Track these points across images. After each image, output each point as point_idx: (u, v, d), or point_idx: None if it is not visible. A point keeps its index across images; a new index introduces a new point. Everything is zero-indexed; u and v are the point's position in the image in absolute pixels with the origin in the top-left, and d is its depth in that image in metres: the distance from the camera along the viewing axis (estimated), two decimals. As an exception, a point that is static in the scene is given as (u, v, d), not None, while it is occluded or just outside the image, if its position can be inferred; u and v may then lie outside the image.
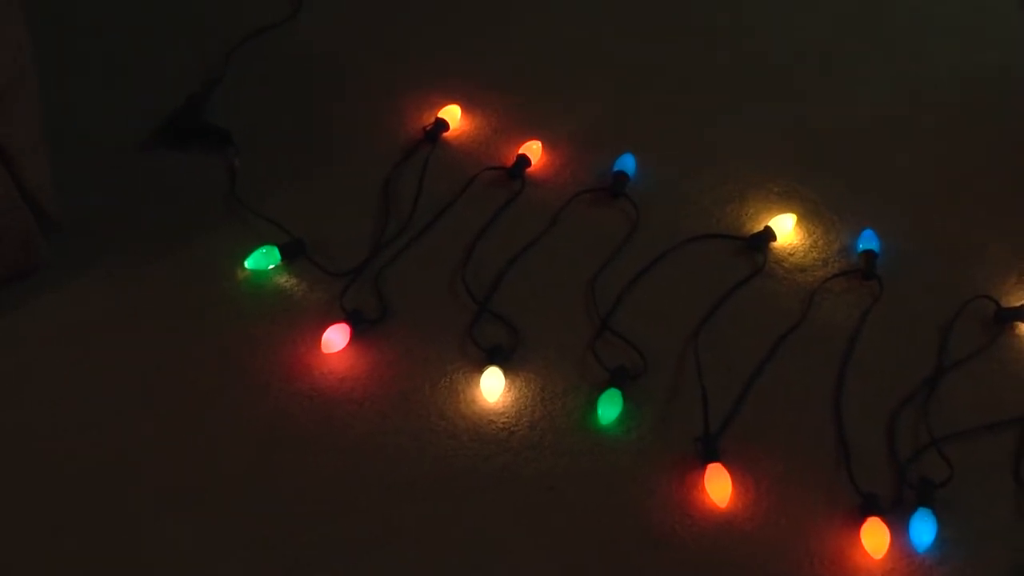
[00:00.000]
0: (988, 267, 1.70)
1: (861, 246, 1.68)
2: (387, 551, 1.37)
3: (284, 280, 1.64)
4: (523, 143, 1.81)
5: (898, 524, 1.38)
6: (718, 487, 1.40)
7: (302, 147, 1.85)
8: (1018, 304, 1.63)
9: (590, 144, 1.84)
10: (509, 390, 1.51)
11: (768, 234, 1.69)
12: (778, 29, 2.15)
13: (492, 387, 1.49)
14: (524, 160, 1.77)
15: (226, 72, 1.96)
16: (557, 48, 2.05)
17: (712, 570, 1.35)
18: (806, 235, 1.72)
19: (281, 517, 1.39)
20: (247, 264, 1.64)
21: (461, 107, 1.88)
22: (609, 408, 1.47)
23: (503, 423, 1.48)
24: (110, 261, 1.66)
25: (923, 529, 1.37)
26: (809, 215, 1.75)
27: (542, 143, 1.81)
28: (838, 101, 1.99)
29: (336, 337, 1.54)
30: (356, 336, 1.56)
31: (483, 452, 1.45)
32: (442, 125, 1.84)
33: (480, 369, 1.51)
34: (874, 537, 1.36)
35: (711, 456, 1.42)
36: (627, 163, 1.76)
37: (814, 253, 1.70)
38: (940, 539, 1.37)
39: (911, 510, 1.39)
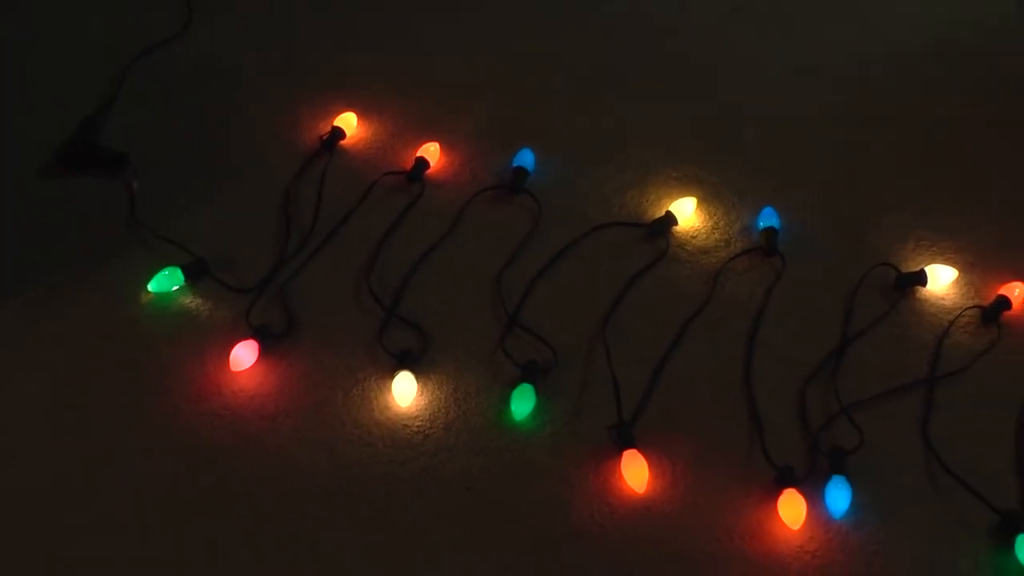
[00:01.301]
0: (886, 235, 1.72)
1: (762, 224, 1.70)
2: (311, 564, 1.36)
3: (189, 301, 1.62)
4: (421, 145, 1.80)
5: (814, 494, 1.40)
6: (635, 473, 1.40)
7: (201, 164, 1.83)
8: (917, 269, 1.65)
9: (488, 142, 1.84)
10: (422, 394, 1.51)
11: (669, 219, 1.70)
12: (672, 17, 2.16)
13: (404, 392, 1.49)
14: (423, 162, 1.77)
15: (120, 92, 1.93)
16: (451, 48, 2.04)
17: (635, 556, 1.36)
18: (707, 217, 1.74)
19: (202, 538, 1.38)
20: (150, 287, 1.62)
21: (357, 114, 1.87)
22: (522, 404, 1.47)
23: (418, 427, 1.48)
24: (12, 292, 1.63)
25: (838, 496, 1.39)
26: (709, 197, 1.77)
27: (440, 144, 1.81)
28: (733, 85, 2.01)
29: (244, 354, 1.53)
30: (264, 351, 1.54)
31: (399, 457, 1.45)
32: (338, 133, 1.82)
33: (391, 375, 1.51)
34: (791, 508, 1.38)
35: (626, 443, 1.43)
36: (525, 158, 1.77)
37: (716, 234, 1.71)
38: (855, 505, 1.40)
39: (825, 479, 1.41)
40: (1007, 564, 1.36)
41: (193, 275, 1.63)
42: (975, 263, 1.68)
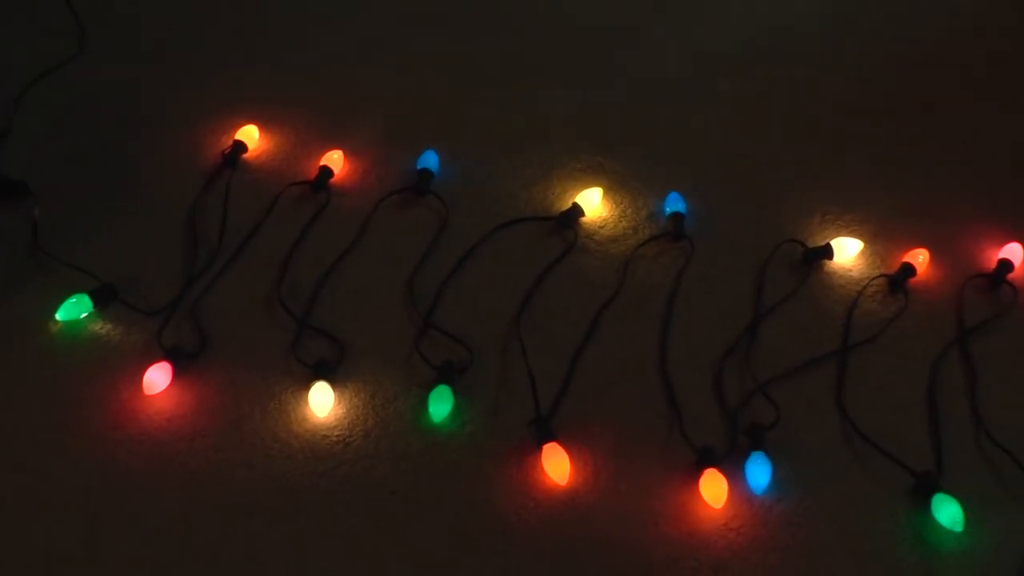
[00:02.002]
0: (791, 212, 1.75)
1: (668, 209, 1.71)
2: (239, 582, 1.34)
3: (99, 327, 1.60)
4: (324, 154, 1.79)
5: (735, 471, 1.42)
6: (556, 466, 1.41)
7: (103, 188, 1.79)
8: (823, 243, 1.67)
9: (392, 145, 1.83)
10: (339, 403, 1.50)
11: (576, 210, 1.70)
12: (567, 7, 2.16)
13: (321, 402, 1.48)
14: (327, 171, 1.76)
15: (15, 120, 1.89)
16: (348, 55, 2.03)
17: (562, 548, 1.37)
18: (614, 206, 1.75)
19: (128, 565, 1.36)
20: (58, 316, 1.58)
21: (258, 126, 1.85)
22: (440, 405, 1.47)
23: (337, 436, 1.47)
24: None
25: (758, 472, 1.41)
26: (615, 186, 1.78)
27: (343, 151, 1.80)
28: (632, 74, 2.02)
29: (158, 377, 1.51)
30: (178, 373, 1.52)
31: (320, 468, 1.44)
32: (240, 147, 1.80)
33: (308, 386, 1.49)
34: (712, 487, 1.39)
35: (546, 437, 1.43)
36: (429, 160, 1.76)
37: (624, 222, 1.72)
38: (776, 479, 1.42)
39: (745, 456, 1.43)
40: (925, 523, 1.39)
41: (101, 301, 1.60)
42: (879, 233, 1.71)
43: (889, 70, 2.05)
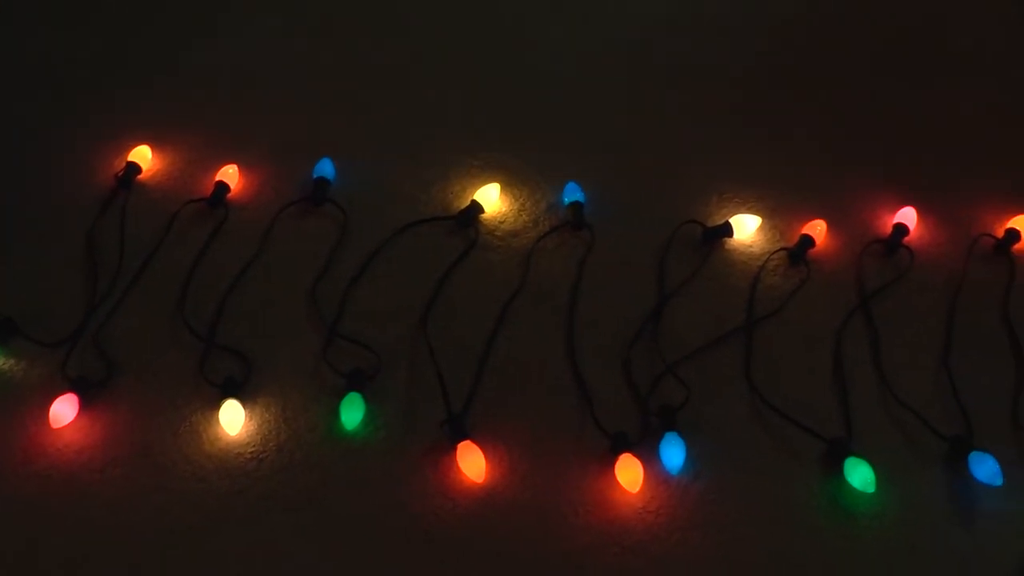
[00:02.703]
0: (689, 193, 1.77)
1: (567, 199, 1.72)
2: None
3: (1, 363, 1.56)
4: (219, 169, 1.76)
5: (650, 455, 1.43)
6: (472, 464, 1.41)
7: (-5, 221, 1.76)
8: (722, 222, 1.69)
9: (287, 156, 1.81)
10: (250, 419, 1.48)
11: (475, 208, 1.70)
12: (445, 9, 2.16)
13: (232, 420, 1.46)
14: (223, 186, 1.74)
15: None
16: (235, 68, 2.00)
17: (483, 545, 1.37)
18: (513, 200, 1.75)
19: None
20: (-43, 355, 1.55)
21: (150, 146, 1.82)
22: (351, 413, 1.46)
23: (251, 453, 1.45)
24: None
25: (672, 453, 1.42)
26: (513, 181, 1.78)
27: (238, 166, 1.78)
28: (519, 67, 2.03)
29: (64, 409, 1.48)
30: (85, 403, 1.50)
31: (236, 487, 1.42)
32: (134, 168, 1.78)
33: (218, 405, 1.48)
34: (628, 472, 1.40)
35: (459, 436, 1.43)
36: (325, 168, 1.75)
37: (524, 216, 1.73)
38: (691, 458, 1.43)
39: (659, 438, 1.44)
40: (839, 487, 1.42)
41: (1, 337, 1.57)
42: (777, 208, 1.74)
43: (780, 47, 2.08)
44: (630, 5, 2.16)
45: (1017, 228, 1.70)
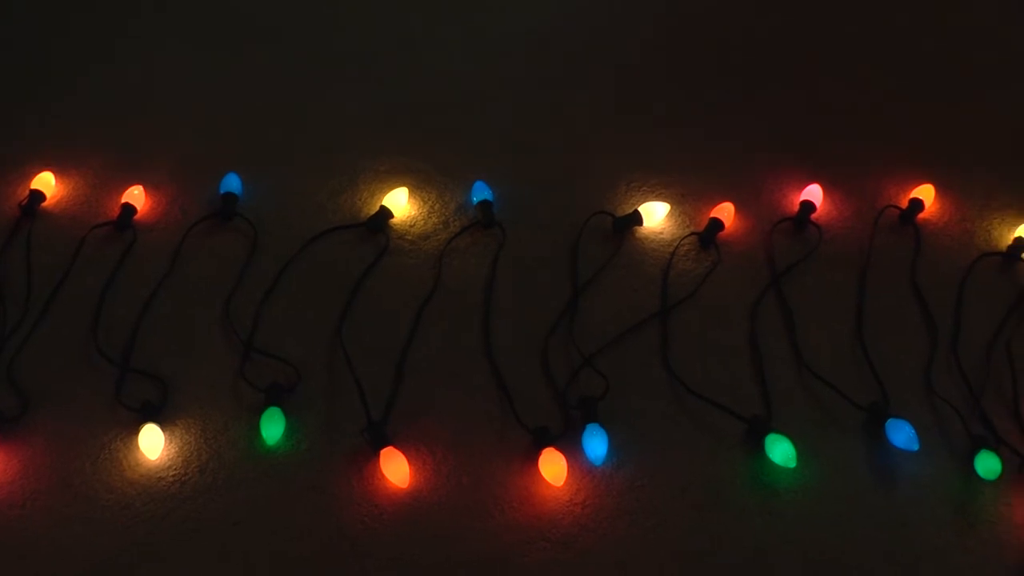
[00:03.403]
0: (597, 185, 1.78)
1: (475, 199, 1.72)
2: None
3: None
4: (125, 191, 1.74)
5: (573, 447, 1.44)
6: (395, 470, 1.41)
7: None
8: (631, 211, 1.70)
9: (192, 174, 1.79)
10: (170, 442, 1.47)
11: (384, 213, 1.70)
12: (342, 17, 2.15)
13: (152, 445, 1.45)
14: (129, 208, 1.72)
15: None
16: (136, 89, 1.98)
17: (412, 549, 1.37)
18: (422, 203, 1.75)
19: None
20: None
21: (54, 172, 1.79)
22: (272, 427, 1.45)
23: (173, 476, 1.44)
24: None
25: (595, 444, 1.43)
26: (421, 184, 1.78)
27: (144, 187, 1.76)
28: (420, 70, 2.03)
29: (-21, 446, 1.46)
30: (1, 438, 1.47)
31: (160, 511, 1.41)
32: (38, 196, 1.75)
33: (137, 431, 1.46)
34: (552, 466, 1.41)
35: (381, 442, 1.43)
36: (232, 183, 1.74)
37: (434, 218, 1.73)
38: (613, 447, 1.44)
39: (581, 430, 1.44)
40: (762, 464, 1.44)
41: (-91, 377, 1.54)
42: (685, 194, 1.76)
43: (675, 36, 2.10)
44: (526, 9, 2.17)
45: (920, 198, 1.73)
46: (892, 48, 2.07)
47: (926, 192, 1.75)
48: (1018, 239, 1.69)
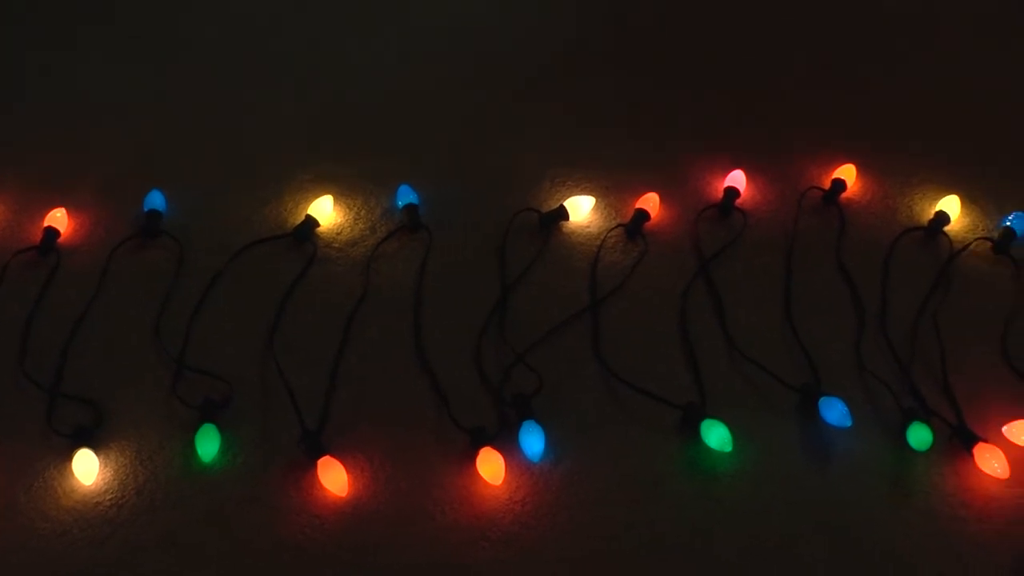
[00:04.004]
0: (522, 182, 1.79)
1: (401, 202, 1.72)
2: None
3: None
4: (47, 214, 1.72)
5: (510, 445, 1.44)
6: (333, 479, 1.40)
7: None
8: (556, 206, 1.71)
9: (114, 193, 1.77)
10: (105, 466, 1.45)
11: (310, 222, 1.69)
12: (256, 27, 2.15)
13: (87, 470, 1.43)
14: (52, 232, 1.69)
15: None
16: (52, 111, 1.96)
17: (355, 558, 1.37)
18: (348, 210, 1.75)
19: None
20: None
21: (-29, 199, 1.76)
22: (207, 444, 1.44)
23: (110, 500, 1.42)
24: None
25: (531, 441, 1.44)
26: (346, 191, 1.78)
27: (66, 209, 1.73)
28: (339, 77, 2.03)
29: (-92, 482, 1.43)
30: (-70, 473, 1.45)
31: (98, 537, 1.39)
32: (-43, 225, 1.72)
33: (70, 457, 1.44)
34: (489, 465, 1.41)
35: (317, 452, 1.43)
36: (155, 200, 1.72)
37: (360, 224, 1.73)
38: (550, 443, 1.45)
39: (517, 428, 1.45)
40: (698, 451, 1.45)
41: None
42: (610, 186, 1.77)
43: (597, 29, 2.12)
44: (444, 9, 2.18)
45: (842, 178, 1.75)
46: (807, 32, 2.10)
47: (848, 172, 1.77)
48: (939, 213, 1.71)
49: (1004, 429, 1.46)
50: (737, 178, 1.75)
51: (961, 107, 1.93)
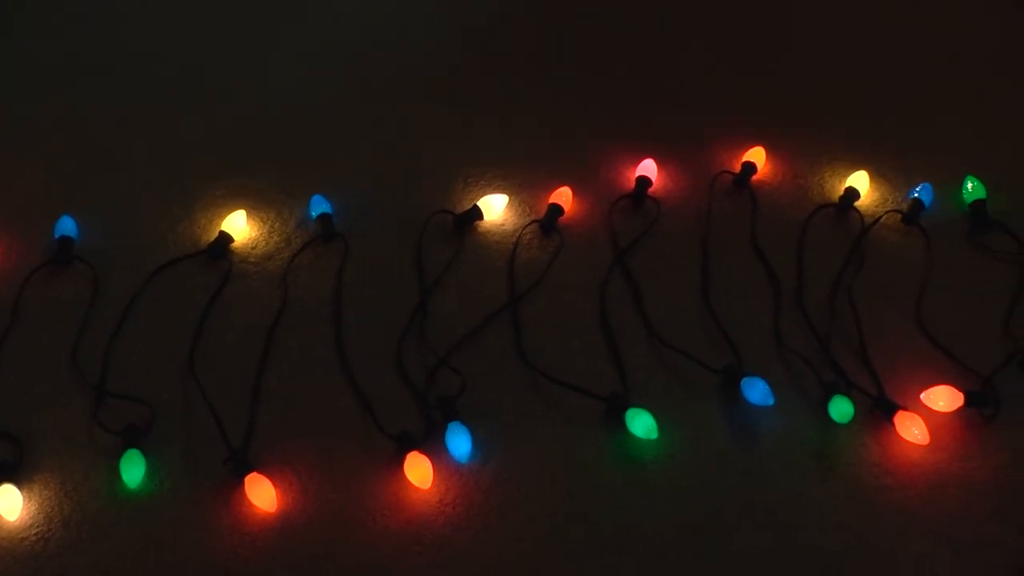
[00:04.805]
0: (435, 184, 1.79)
1: (314, 213, 1.72)
2: None
3: None
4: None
5: (438, 448, 1.44)
6: (261, 495, 1.40)
7: None
8: (470, 206, 1.71)
9: (23, 221, 1.74)
10: (29, 500, 1.43)
11: (225, 238, 1.68)
12: (168, 39, 2.13)
13: (10, 506, 1.41)
14: (-40, 265, 1.66)
15: None
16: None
17: (286, 573, 1.36)
18: (262, 223, 1.74)
19: None
20: None
21: None
22: (132, 470, 1.43)
23: (36, 535, 1.40)
24: None
25: (458, 442, 1.44)
26: (259, 204, 1.77)
27: (-27, 239, 1.70)
28: (245, 89, 2.02)
29: None
30: None
31: (26, 572, 1.37)
32: None
33: (-8, 493, 1.42)
34: (417, 470, 1.41)
35: (244, 470, 1.42)
36: (66, 226, 1.70)
37: (275, 237, 1.72)
38: (477, 443, 1.45)
39: (443, 430, 1.45)
40: (625, 440, 1.47)
41: None
42: (522, 183, 1.78)
43: (500, 26, 2.14)
44: (338, 12, 2.17)
45: (752, 160, 1.78)
46: (705, 18, 2.12)
47: (757, 155, 1.79)
48: (849, 189, 1.74)
49: (922, 396, 1.49)
50: (648, 167, 1.76)
51: (863, 83, 1.97)
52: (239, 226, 1.70)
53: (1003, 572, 1.34)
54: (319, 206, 1.71)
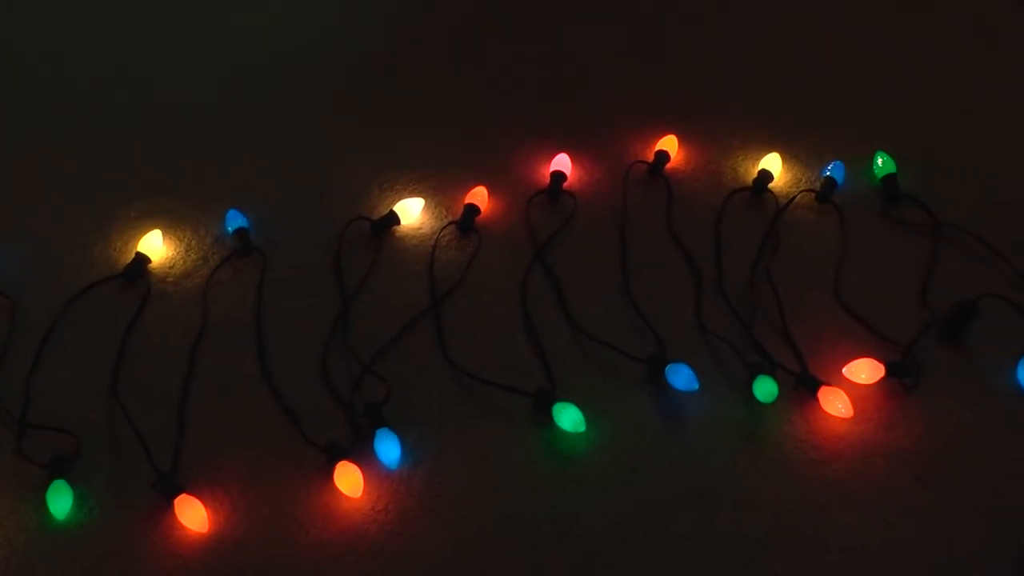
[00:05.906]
0: (348, 191, 1.80)
1: (230, 228, 1.71)
2: None
3: None
4: None
5: (368, 455, 1.45)
6: (191, 516, 1.39)
7: None
8: (387, 212, 1.72)
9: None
10: (-46, 539, 1.41)
11: (141, 259, 1.67)
12: (63, 60, 2.11)
13: (-64, 544, 1.39)
14: None
15: None
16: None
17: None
18: (178, 242, 1.73)
19: None
20: None
21: None
22: (59, 501, 1.41)
23: (-36, 573, 1.39)
24: None
25: (386, 448, 1.44)
26: (175, 222, 1.75)
27: None
28: (148, 107, 2.00)
29: None
30: None
31: (-43, 611, 1.35)
32: None
33: (-87, 537, 1.40)
34: (347, 479, 1.41)
35: (173, 492, 1.41)
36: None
37: (192, 255, 1.71)
38: (406, 448, 1.46)
39: (371, 437, 1.45)
40: (553, 435, 1.48)
41: None
42: (438, 185, 1.78)
43: (406, 28, 2.16)
44: (240, 27, 2.16)
45: (665, 149, 1.80)
46: (610, 9, 2.13)
47: (669, 143, 1.81)
48: (762, 171, 1.76)
49: (844, 370, 1.51)
50: (562, 162, 1.77)
51: (770, 65, 1.99)
52: (155, 246, 1.69)
53: (930, 539, 1.36)
54: (235, 221, 1.70)
